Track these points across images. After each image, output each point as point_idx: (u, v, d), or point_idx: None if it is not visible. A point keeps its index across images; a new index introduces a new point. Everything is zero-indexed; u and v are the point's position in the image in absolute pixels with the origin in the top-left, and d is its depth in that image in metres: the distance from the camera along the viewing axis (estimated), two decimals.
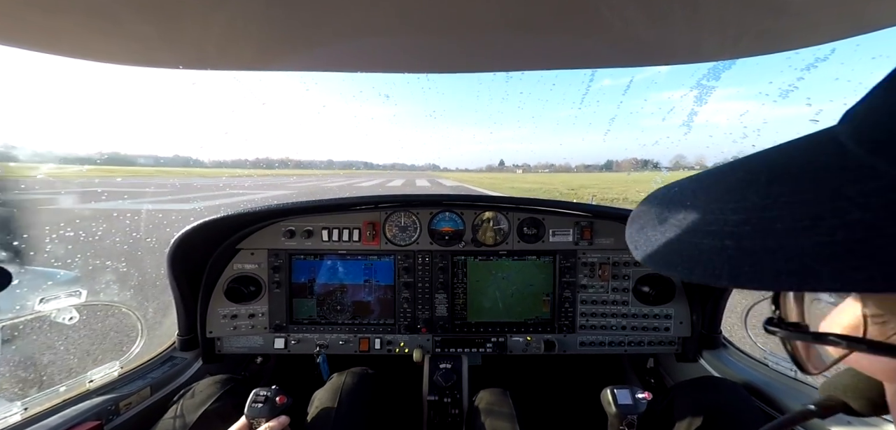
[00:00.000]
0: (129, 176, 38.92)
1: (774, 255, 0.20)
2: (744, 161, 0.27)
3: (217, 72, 1.08)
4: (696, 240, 0.24)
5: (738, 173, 0.26)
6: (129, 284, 4.66)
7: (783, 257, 0.20)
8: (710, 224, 0.24)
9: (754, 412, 1.09)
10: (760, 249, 0.21)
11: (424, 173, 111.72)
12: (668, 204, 0.29)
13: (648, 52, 0.99)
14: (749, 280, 0.21)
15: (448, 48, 0.96)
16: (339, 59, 1.03)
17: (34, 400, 1.06)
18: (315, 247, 1.55)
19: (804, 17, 0.80)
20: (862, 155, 0.20)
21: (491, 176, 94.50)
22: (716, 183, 0.27)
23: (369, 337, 1.55)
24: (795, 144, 0.26)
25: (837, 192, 0.20)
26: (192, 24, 0.79)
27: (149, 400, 1.25)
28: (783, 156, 0.25)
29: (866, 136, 0.21)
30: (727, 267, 0.22)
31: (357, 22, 0.80)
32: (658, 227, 0.28)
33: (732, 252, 0.22)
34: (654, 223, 0.28)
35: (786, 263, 0.19)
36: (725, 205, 0.25)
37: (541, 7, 0.75)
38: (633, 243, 0.29)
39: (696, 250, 0.24)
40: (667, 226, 0.27)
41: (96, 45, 0.86)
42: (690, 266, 0.23)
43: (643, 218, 0.30)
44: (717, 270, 0.22)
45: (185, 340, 1.48)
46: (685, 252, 0.24)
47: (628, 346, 1.54)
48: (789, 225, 0.20)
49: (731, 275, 0.21)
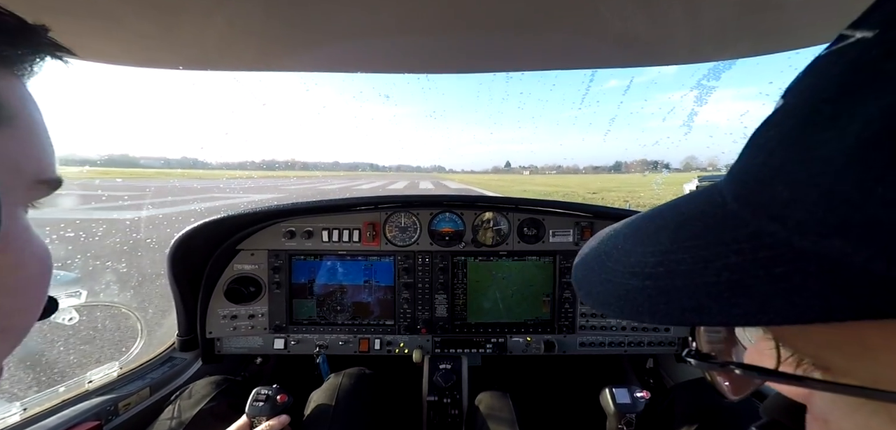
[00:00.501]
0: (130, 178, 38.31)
1: (680, 293, 0.23)
2: (660, 209, 0.31)
3: (221, 73, 1.08)
4: (624, 281, 0.27)
5: (656, 220, 0.29)
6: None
7: (686, 295, 0.22)
8: (634, 266, 0.27)
9: (755, 413, 1.09)
10: (671, 288, 0.24)
11: (429, 175, 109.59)
12: (606, 247, 0.32)
13: (648, 52, 0.99)
14: (663, 317, 0.23)
15: (448, 48, 0.96)
16: (339, 59, 1.03)
17: (33, 400, 1.06)
18: (315, 248, 1.55)
19: (804, 17, 0.80)
20: (735, 207, 0.24)
21: (498, 178, 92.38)
22: (638, 229, 0.30)
23: (369, 338, 1.55)
24: (694, 195, 0.29)
25: (719, 238, 0.23)
26: (192, 24, 0.79)
27: (148, 401, 1.25)
28: (688, 204, 0.28)
29: (737, 191, 0.24)
30: (647, 305, 0.24)
31: (357, 22, 0.80)
32: (596, 270, 0.30)
33: (651, 292, 0.24)
34: (594, 266, 0.31)
35: (688, 300, 0.22)
36: (646, 248, 0.27)
37: (541, 7, 0.75)
38: (578, 285, 0.32)
39: (625, 289, 0.26)
40: (603, 268, 0.30)
41: (96, 44, 0.86)
42: (621, 305, 0.26)
43: (586, 261, 0.33)
44: (641, 307, 0.25)
45: (185, 340, 1.48)
46: (617, 292, 0.27)
47: (628, 346, 1.54)
48: (690, 267, 0.23)
49: (650, 312, 0.24)
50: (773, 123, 0.24)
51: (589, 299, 0.29)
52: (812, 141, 0.20)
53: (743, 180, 0.24)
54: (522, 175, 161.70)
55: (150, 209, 12.89)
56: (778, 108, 0.24)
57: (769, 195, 0.21)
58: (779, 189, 0.21)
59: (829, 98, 0.20)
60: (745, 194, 0.24)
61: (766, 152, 0.23)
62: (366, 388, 1.28)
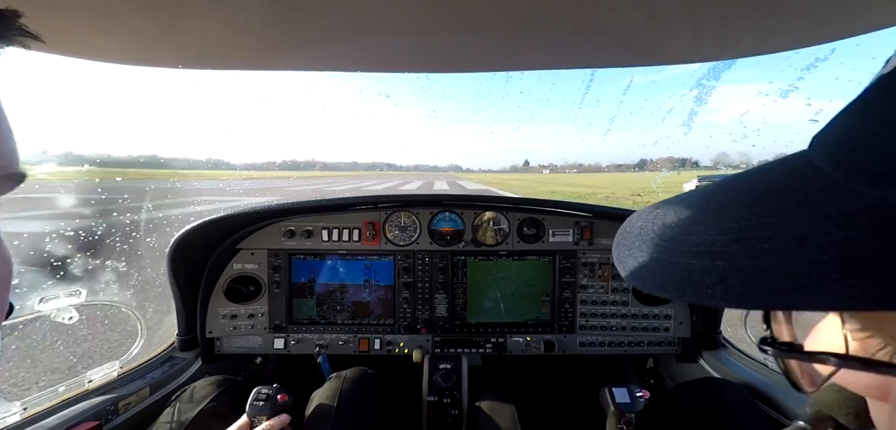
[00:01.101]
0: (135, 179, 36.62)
1: (765, 274, 0.21)
2: (720, 184, 0.28)
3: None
4: (684, 260, 0.25)
5: (719, 197, 0.27)
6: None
7: (775, 277, 0.20)
8: (698, 245, 0.25)
9: (757, 413, 1.09)
10: (752, 268, 0.21)
11: (445, 175, 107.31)
12: (652, 226, 0.29)
13: (648, 52, 0.99)
14: (743, 299, 0.21)
15: (448, 48, 0.96)
16: (339, 59, 1.03)
17: (33, 400, 1.06)
18: (315, 247, 1.55)
19: (804, 17, 0.80)
20: (839, 177, 0.21)
21: (517, 177, 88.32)
22: (695, 206, 0.28)
23: (369, 337, 1.55)
24: (769, 167, 0.27)
25: (821, 212, 0.21)
26: (192, 23, 0.79)
27: (148, 400, 1.25)
28: (758, 181, 0.26)
29: (842, 159, 0.22)
30: (720, 287, 0.22)
31: (357, 22, 0.80)
32: (645, 248, 0.28)
33: (723, 272, 0.22)
34: (641, 245, 0.29)
35: (778, 282, 0.20)
36: (709, 226, 0.25)
37: (541, 7, 0.75)
38: (622, 266, 0.29)
39: (686, 270, 0.24)
40: (654, 247, 0.27)
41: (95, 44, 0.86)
42: (682, 287, 0.24)
43: (629, 239, 0.30)
44: (709, 290, 0.22)
45: (185, 340, 1.48)
46: (676, 273, 0.25)
47: (628, 346, 1.54)
48: (777, 245, 0.21)
49: (724, 294, 0.22)
50: (890, 85, 0.21)
51: (638, 281, 0.27)
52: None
53: (851, 148, 0.22)
54: (542, 174, 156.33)
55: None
56: (890, 73, 0.21)
57: (891, 163, 0.19)
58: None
59: None
60: (856, 164, 0.21)
61: (882, 118, 0.21)
62: (366, 388, 1.27)
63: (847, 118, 0.23)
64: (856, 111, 0.23)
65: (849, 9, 0.77)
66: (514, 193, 21.14)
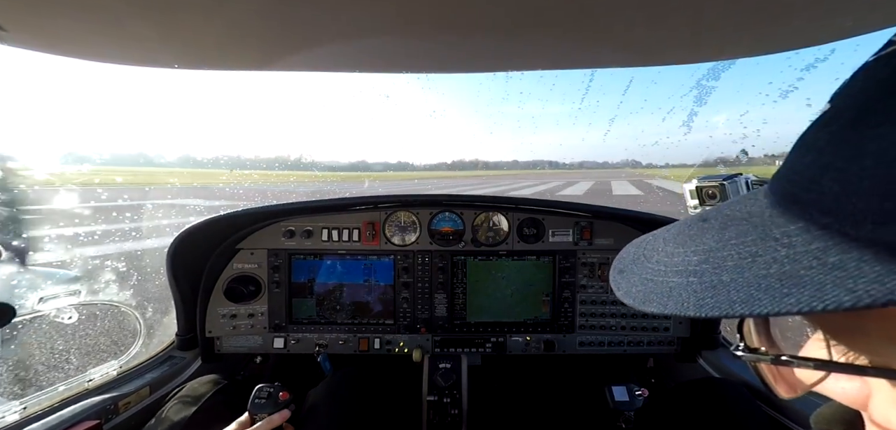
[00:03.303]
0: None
1: (727, 287, 0.24)
2: (704, 213, 0.33)
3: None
4: (666, 279, 0.29)
5: (699, 224, 0.32)
6: None
7: (734, 288, 0.24)
8: (677, 265, 0.29)
9: (756, 413, 1.09)
10: (717, 282, 0.25)
11: (622, 171, 70.86)
12: (644, 252, 0.34)
13: (648, 52, 0.99)
14: (711, 310, 0.24)
15: (448, 48, 0.96)
16: (339, 59, 1.03)
17: (33, 399, 1.06)
18: (315, 247, 1.55)
19: (804, 17, 0.80)
20: (783, 205, 0.26)
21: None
22: (679, 232, 0.33)
23: (369, 337, 1.55)
24: (741, 198, 0.32)
25: (768, 234, 0.25)
26: (191, 23, 0.79)
27: (148, 400, 1.25)
28: (730, 207, 0.30)
29: (787, 189, 0.26)
30: (693, 299, 0.26)
31: (357, 22, 0.80)
32: (636, 271, 0.33)
33: (696, 287, 0.26)
34: (633, 268, 0.33)
35: (736, 293, 0.23)
36: (687, 248, 0.30)
37: (541, 7, 0.75)
38: (617, 286, 0.33)
39: (667, 287, 0.28)
40: (643, 269, 0.32)
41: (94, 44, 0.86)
42: (664, 301, 0.28)
43: (623, 264, 0.35)
44: (685, 302, 0.26)
45: (185, 339, 1.48)
46: (659, 290, 0.29)
47: (627, 346, 1.54)
48: (737, 262, 0.25)
49: (696, 306, 0.25)
50: (822, 123, 0.25)
51: (628, 298, 0.31)
52: (863, 138, 0.21)
53: (791, 179, 0.26)
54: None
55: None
56: (825, 111, 0.25)
57: (818, 191, 0.23)
58: (828, 184, 0.22)
59: (879, 98, 0.22)
60: (794, 192, 0.25)
61: (815, 152, 0.25)
62: (366, 387, 1.28)
63: (793, 152, 0.27)
64: (798, 147, 0.27)
65: (848, 10, 0.77)
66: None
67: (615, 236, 1.52)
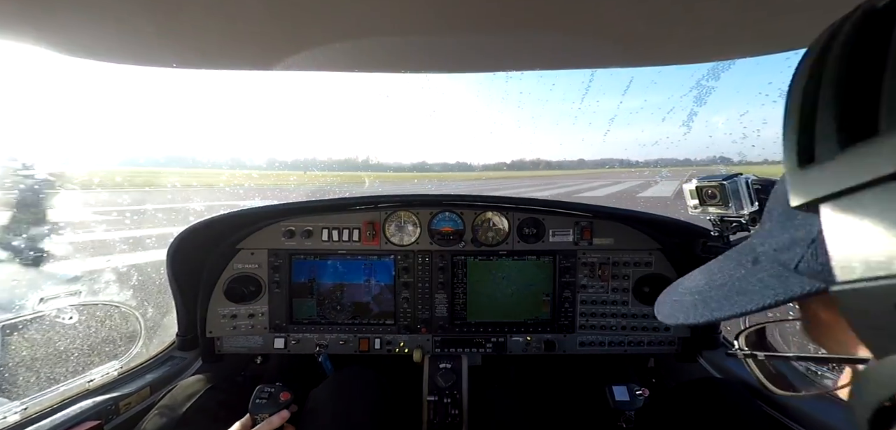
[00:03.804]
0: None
1: (716, 299, 0.36)
2: (726, 253, 0.44)
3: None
4: (684, 298, 0.41)
5: (715, 258, 0.44)
6: None
7: (716, 300, 0.36)
8: (691, 289, 0.41)
9: (756, 413, 1.09)
10: (708, 296, 0.37)
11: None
12: (680, 285, 0.45)
13: (648, 52, 0.99)
14: (701, 316, 0.37)
15: (448, 48, 0.96)
16: (339, 59, 1.03)
17: (34, 399, 1.06)
18: (315, 247, 1.55)
19: (804, 17, 0.80)
20: (748, 246, 0.39)
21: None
22: (707, 268, 0.43)
23: (369, 337, 1.55)
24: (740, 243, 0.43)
25: (743, 259, 0.37)
26: (191, 23, 0.79)
27: (148, 400, 1.25)
28: (734, 243, 0.46)
29: (751, 239, 0.39)
30: (694, 310, 0.38)
31: (357, 22, 0.80)
32: (669, 298, 0.45)
33: (697, 300, 0.38)
34: (668, 296, 0.45)
35: (717, 304, 0.35)
36: (702, 275, 0.42)
37: (541, 7, 0.75)
38: (661, 314, 0.44)
39: (682, 304, 0.40)
40: (674, 293, 0.44)
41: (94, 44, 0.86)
42: (676, 314, 0.40)
43: (670, 293, 0.46)
44: (691, 311, 0.38)
45: (185, 339, 1.48)
46: (678, 306, 0.41)
47: (628, 346, 1.54)
48: (723, 280, 0.37)
49: (695, 314, 0.37)
50: (782, 182, 0.35)
51: (661, 316, 0.43)
52: (768, 215, 0.36)
53: (762, 218, 0.38)
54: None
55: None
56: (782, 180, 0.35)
57: (762, 236, 0.36)
58: (765, 232, 0.36)
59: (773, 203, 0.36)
60: (753, 241, 0.38)
61: (773, 197, 0.37)
62: (366, 387, 1.28)
63: (769, 199, 0.38)
64: (771, 195, 0.37)
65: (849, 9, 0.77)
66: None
67: (615, 236, 1.52)
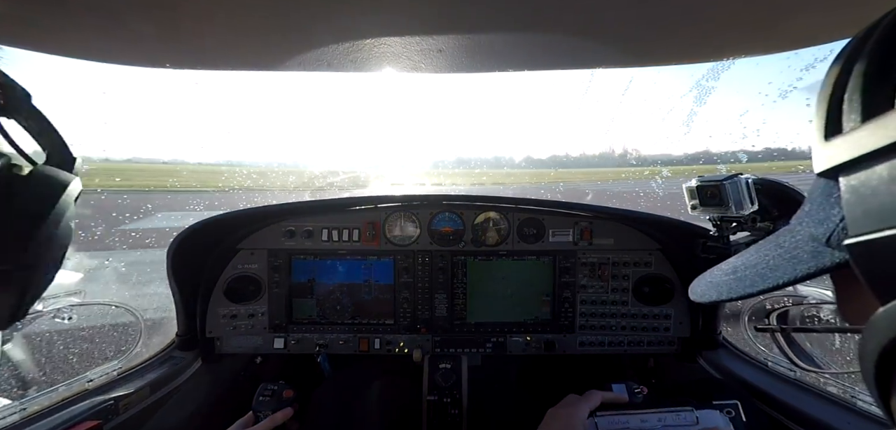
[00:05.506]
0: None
1: (747, 278, 0.41)
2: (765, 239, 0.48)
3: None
4: (719, 279, 0.45)
5: (757, 245, 0.47)
6: None
7: (747, 277, 0.41)
8: (726, 270, 0.45)
9: (758, 414, 1.09)
10: (744, 276, 0.42)
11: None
12: (719, 266, 0.49)
13: (648, 52, 0.99)
14: (730, 292, 0.42)
15: (448, 48, 0.96)
16: (338, 59, 1.03)
17: (33, 399, 1.06)
18: (315, 247, 1.55)
19: (804, 17, 0.80)
20: (783, 227, 0.43)
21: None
22: (745, 251, 0.47)
23: (369, 337, 1.55)
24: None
25: (771, 244, 0.42)
26: (191, 24, 0.79)
27: (148, 400, 1.25)
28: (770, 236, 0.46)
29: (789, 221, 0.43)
30: (725, 288, 0.43)
31: (356, 22, 0.80)
32: (708, 279, 0.48)
33: (730, 279, 0.43)
34: (708, 277, 0.49)
35: (748, 280, 0.40)
36: (736, 259, 0.46)
37: (541, 7, 0.75)
38: (694, 294, 0.48)
39: (717, 283, 0.45)
40: (710, 275, 0.48)
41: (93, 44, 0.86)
42: (709, 292, 0.45)
43: (705, 276, 0.50)
44: (724, 288, 0.43)
45: (185, 339, 1.48)
46: (713, 285, 0.46)
47: (628, 346, 1.54)
48: (752, 260, 0.42)
49: (728, 290, 0.42)
50: (809, 191, 0.40)
51: (695, 296, 0.47)
52: (809, 199, 0.39)
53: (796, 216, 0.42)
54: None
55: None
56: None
57: (800, 218, 0.39)
58: (804, 214, 0.39)
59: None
60: (791, 222, 0.41)
61: (806, 200, 0.40)
62: (366, 387, 1.28)
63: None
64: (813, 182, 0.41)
65: (849, 9, 0.77)
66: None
67: (616, 236, 1.52)
